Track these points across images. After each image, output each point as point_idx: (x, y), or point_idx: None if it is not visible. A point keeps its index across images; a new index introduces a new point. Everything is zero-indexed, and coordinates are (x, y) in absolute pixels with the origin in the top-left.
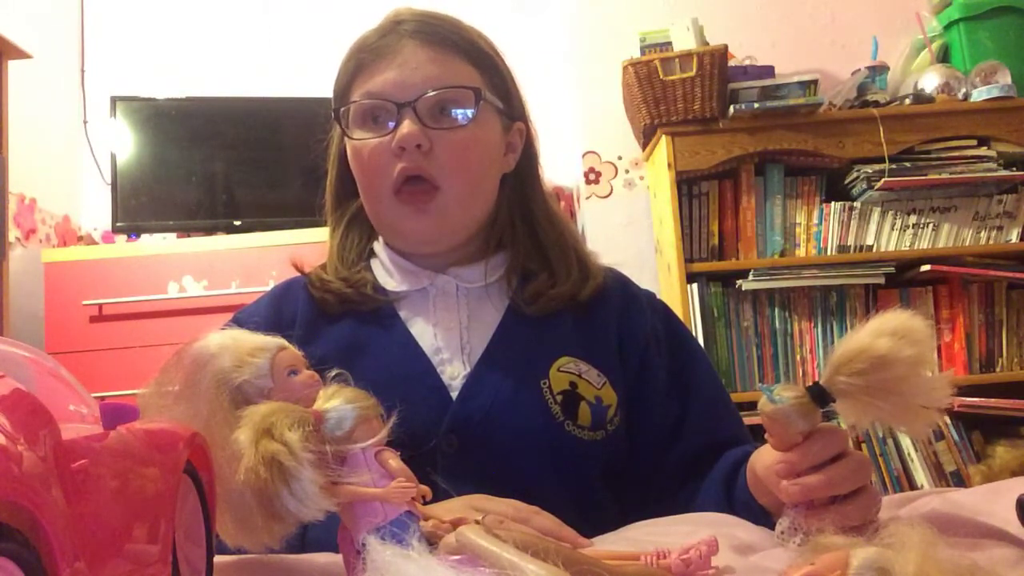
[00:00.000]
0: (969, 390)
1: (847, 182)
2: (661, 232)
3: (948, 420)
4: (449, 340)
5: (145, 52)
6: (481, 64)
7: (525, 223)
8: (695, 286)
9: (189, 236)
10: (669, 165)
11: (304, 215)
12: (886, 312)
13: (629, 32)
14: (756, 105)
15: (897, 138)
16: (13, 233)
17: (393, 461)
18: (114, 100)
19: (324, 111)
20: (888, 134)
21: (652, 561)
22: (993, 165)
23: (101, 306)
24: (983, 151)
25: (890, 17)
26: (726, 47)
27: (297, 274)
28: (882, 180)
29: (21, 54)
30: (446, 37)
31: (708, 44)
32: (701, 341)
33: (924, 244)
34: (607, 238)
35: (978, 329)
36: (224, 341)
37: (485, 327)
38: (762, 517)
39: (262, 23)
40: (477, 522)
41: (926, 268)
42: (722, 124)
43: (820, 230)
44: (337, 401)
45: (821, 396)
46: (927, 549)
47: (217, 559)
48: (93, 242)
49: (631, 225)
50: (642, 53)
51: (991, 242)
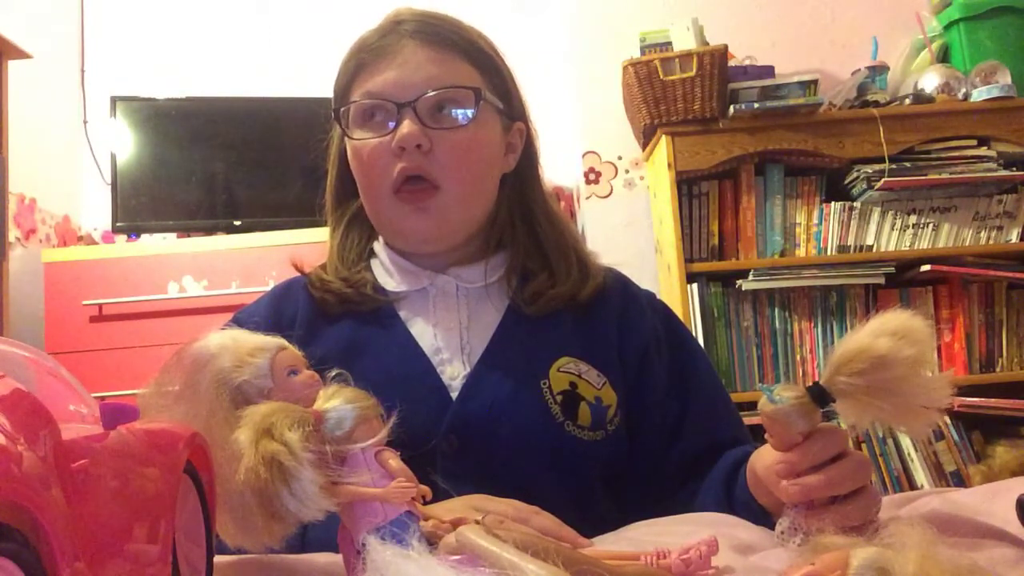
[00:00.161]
0: (969, 390)
1: (847, 182)
2: (661, 232)
3: (948, 420)
4: (449, 340)
5: (145, 52)
6: (481, 64)
7: (525, 223)
8: (695, 286)
9: (189, 236)
10: (669, 165)
11: (304, 215)
12: (886, 312)
13: (629, 32)
14: (756, 105)
15: (897, 138)
16: (13, 233)
17: (393, 461)
18: (114, 100)
19: (324, 111)
20: (888, 134)
21: (652, 561)
22: (993, 165)
23: (101, 306)
24: (983, 151)
25: (890, 17)
26: (726, 47)
27: (297, 274)
28: (882, 180)
29: (21, 54)
30: (446, 37)
31: (708, 44)
32: (701, 341)
33: (924, 244)
34: (607, 238)
35: (978, 329)
36: (224, 341)
37: (485, 327)
38: (762, 517)
39: (262, 23)
40: (477, 522)
41: (926, 268)
42: (722, 124)
43: (820, 230)
44: (337, 401)
45: (821, 396)
46: (927, 549)
47: (217, 559)
48: (93, 242)
49: (631, 225)
50: (642, 53)
51: (991, 242)
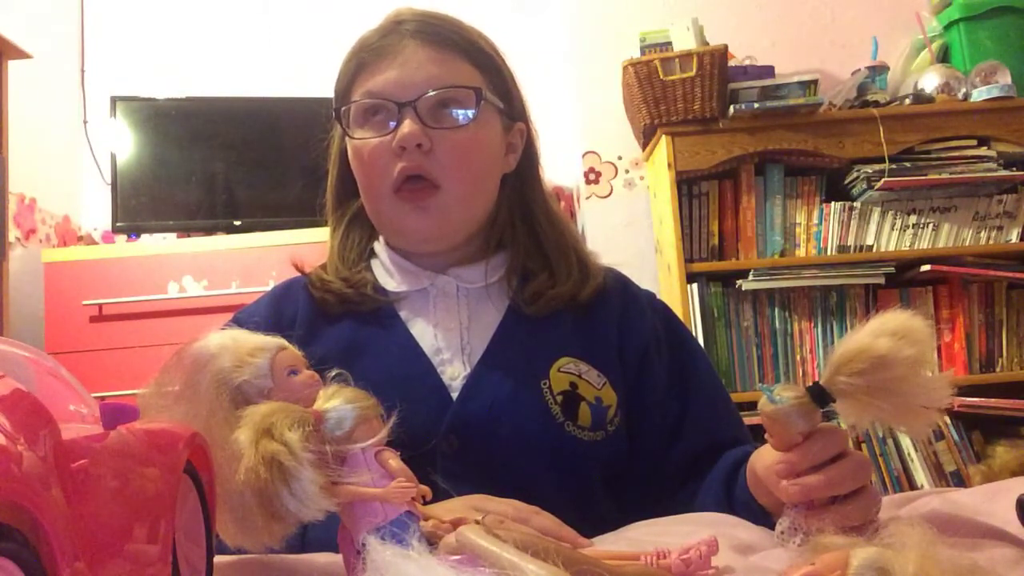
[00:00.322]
0: (969, 390)
1: (847, 182)
2: (661, 232)
3: (948, 420)
4: (449, 340)
5: (145, 52)
6: (482, 64)
7: (525, 223)
8: (695, 286)
9: (189, 236)
10: (669, 165)
11: (304, 215)
12: (886, 312)
13: (629, 32)
14: (756, 105)
15: (897, 138)
16: (13, 233)
17: (393, 461)
18: (114, 100)
19: (324, 111)
20: (888, 134)
21: (652, 561)
22: (993, 165)
23: (101, 306)
24: (983, 151)
25: (890, 17)
26: (726, 47)
27: (297, 274)
28: (882, 180)
29: (21, 54)
30: (447, 37)
31: (708, 44)
32: (701, 341)
33: (924, 244)
34: (607, 238)
35: (978, 329)
36: (224, 341)
37: (485, 327)
38: (762, 517)
39: (262, 23)
40: (477, 522)
41: (926, 268)
42: (722, 124)
43: (820, 230)
44: (337, 401)
45: (821, 396)
46: (927, 549)
47: (217, 559)
48: (93, 242)
49: (631, 225)
50: (642, 53)
51: (991, 242)
